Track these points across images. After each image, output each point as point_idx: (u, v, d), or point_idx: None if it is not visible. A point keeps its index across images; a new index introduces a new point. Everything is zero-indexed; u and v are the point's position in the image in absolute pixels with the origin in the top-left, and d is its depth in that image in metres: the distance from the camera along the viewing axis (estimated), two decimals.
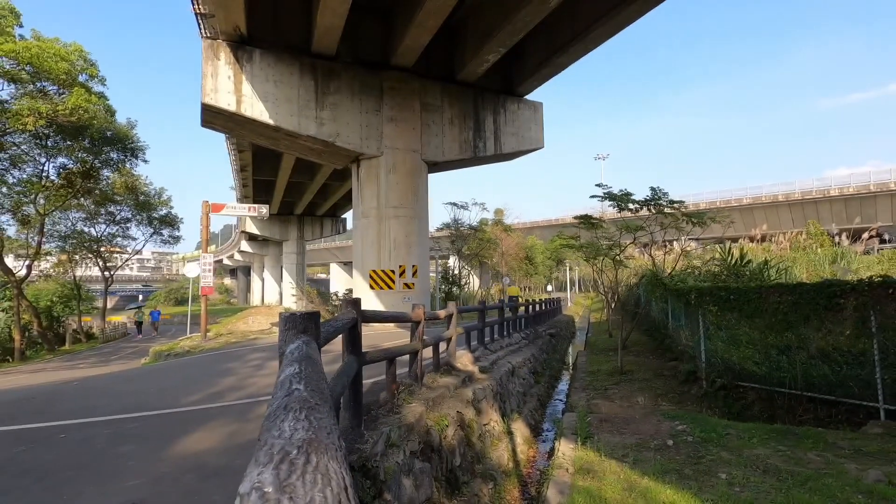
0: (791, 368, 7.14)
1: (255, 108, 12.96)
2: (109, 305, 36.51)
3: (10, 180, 20.66)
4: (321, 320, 2.42)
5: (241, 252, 56.78)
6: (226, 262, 72.68)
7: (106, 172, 24.50)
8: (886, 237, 29.59)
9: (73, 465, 3.43)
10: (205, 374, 7.90)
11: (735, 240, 22.82)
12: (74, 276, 30.57)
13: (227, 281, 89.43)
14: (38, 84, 18.24)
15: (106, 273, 31.50)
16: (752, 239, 20.76)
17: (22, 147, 20.41)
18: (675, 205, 11.35)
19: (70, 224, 27.32)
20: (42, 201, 22.20)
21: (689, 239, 20.75)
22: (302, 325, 2.14)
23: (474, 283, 43.68)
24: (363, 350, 3.91)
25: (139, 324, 30.05)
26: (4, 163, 20.07)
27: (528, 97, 17.74)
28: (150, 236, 31.33)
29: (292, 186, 31.04)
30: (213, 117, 13.67)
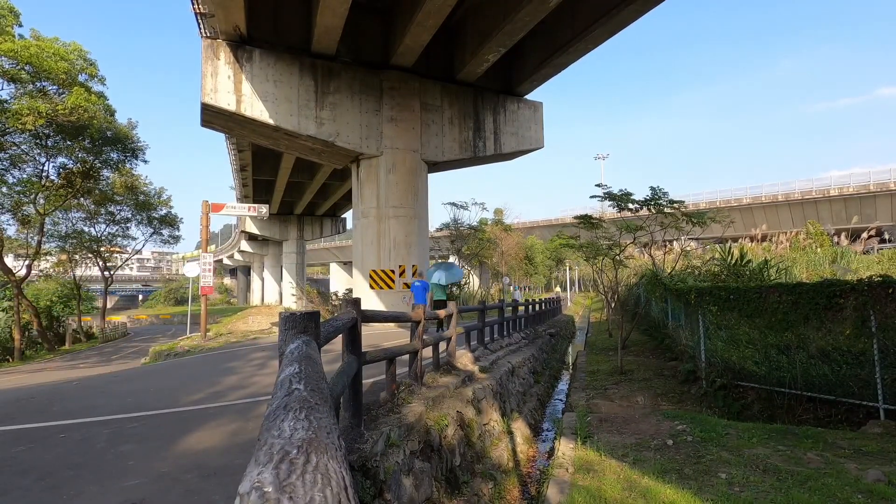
0: (791, 368, 7.14)
1: (255, 108, 12.96)
2: (109, 305, 36.49)
3: (10, 180, 20.66)
4: (321, 320, 2.42)
5: (240, 252, 56.78)
6: (226, 261, 72.68)
7: (106, 172, 24.51)
8: (887, 237, 29.58)
9: (73, 465, 3.43)
10: (205, 374, 7.89)
11: (735, 239, 22.87)
12: (74, 276, 30.57)
13: (227, 281, 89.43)
14: (38, 84, 18.25)
15: (106, 273, 31.51)
16: (752, 239, 20.80)
17: (22, 147, 20.41)
18: (674, 204, 11.36)
19: (70, 224, 27.32)
20: (42, 201, 22.18)
21: (689, 239, 20.78)
22: (302, 325, 2.15)
23: (474, 283, 43.68)
24: (363, 350, 3.91)
25: None
26: (4, 163, 20.06)
27: (527, 97, 17.73)
28: (150, 236, 31.39)
29: (292, 186, 31.04)
30: (212, 117, 13.67)
